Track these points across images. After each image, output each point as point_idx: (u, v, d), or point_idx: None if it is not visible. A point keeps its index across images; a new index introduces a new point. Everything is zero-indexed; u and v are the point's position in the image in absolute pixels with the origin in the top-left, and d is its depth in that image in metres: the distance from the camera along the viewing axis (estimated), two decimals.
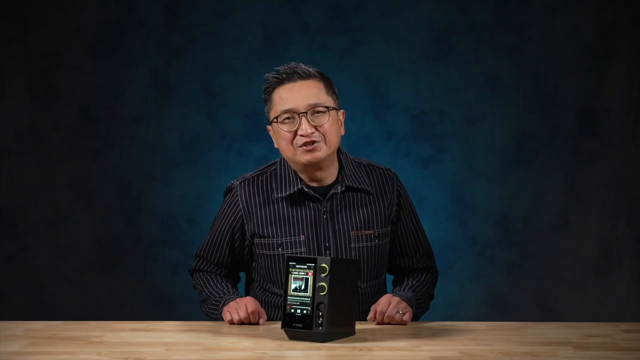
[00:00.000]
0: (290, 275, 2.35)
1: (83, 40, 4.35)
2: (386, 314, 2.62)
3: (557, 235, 4.36)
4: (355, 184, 2.78)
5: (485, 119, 4.38)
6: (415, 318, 2.78)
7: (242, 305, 2.63)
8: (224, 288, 2.79)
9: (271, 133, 2.78)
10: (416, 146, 4.38)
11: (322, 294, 2.31)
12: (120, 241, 4.39)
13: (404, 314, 2.64)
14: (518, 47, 4.35)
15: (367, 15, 4.36)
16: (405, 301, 2.68)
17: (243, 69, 4.37)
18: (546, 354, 2.23)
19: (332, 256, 2.71)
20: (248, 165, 2.93)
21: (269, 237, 2.77)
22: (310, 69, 2.73)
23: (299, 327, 2.33)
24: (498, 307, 4.37)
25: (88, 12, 4.35)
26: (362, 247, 2.77)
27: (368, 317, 2.64)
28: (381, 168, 2.86)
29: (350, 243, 2.76)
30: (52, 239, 4.37)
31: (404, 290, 2.80)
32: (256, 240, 2.79)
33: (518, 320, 2.77)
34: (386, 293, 2.89)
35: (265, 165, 2.85)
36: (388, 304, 2.63)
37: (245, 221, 2.79)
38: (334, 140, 2.72)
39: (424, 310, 2.86)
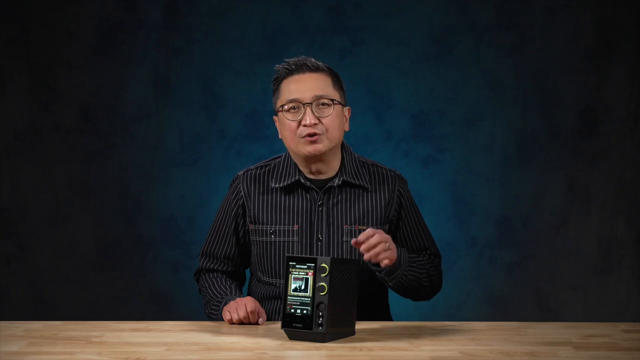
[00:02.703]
0: (290, 275, 2.35)
1: (83, 40, 4.35)
2: (374, 250, 2.55)
3: (557, 235, 4.36)
4: (354, 179, 2.79)
5: (485, 119, 4.38)
6: (402, 282, 2.70)
7: (241, 305, 2.63)
8: (227, 290, 2.80)
9: (277, 123, 2.80)
10: (416, 146, 4.38)
11: (322, 294, 2.31)
12: (120, 241, 4.39)
13: (389, 250, 2.57)
14: (518, 47, 4.35)
15: (367, 15, 4.36)
16: (397, 251, 2.63)
17: (243, 69, 4.38)
18: (546, 354, 2.23)
19: (324, 248, 2.74)
20: (248, 165, 2.92)
21: (263, 223, 2.79)
22: (320, 63, 2.77)
23: (299, 327, 2.33)
24: (498, 307, 4.37)
25: (88, 12, 4.35)
26: None
27: (352, 241, 2.55)
28: (385, 168, 2.86)
29: (342, 236, 2.77)
30: (52, 239, 4.37)
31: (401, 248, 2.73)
32: (251, 226, 2.81)
33: (518, 320, 2.76)
34: (384, 292, 2.88)
35: (270, 158, 2.88)
36: (378, 240, 2.56)
37: (246, 206, 2.81)
38: (336, 134, 2.74)
39: (412, 281, 2.75)
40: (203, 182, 4.38)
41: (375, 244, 2.56)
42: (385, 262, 2.59)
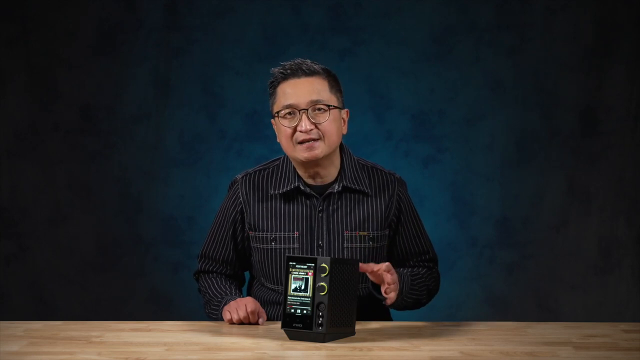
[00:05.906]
0: (290, 275, 2.35)
1: (83, 40, 4.36)
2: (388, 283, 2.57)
3: (557, 235, 4.36)
4: (354, 184, 2.78)
5: (485, 119, 4.38)
6: (400, 306, 2.72)
7: (242, 305, 2.63)
8: (227, 290, 2.80)
9: (275, 127, 2.78)
10: (416, 146, 4.38)
11: (322, 294, 2.31)
12: (120, 241, 4.39)
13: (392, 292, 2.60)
14: (518, 47, 4.35)
15: (367, 15, 4.36)
16: (400, 283, 2.65)
17: (243, 69, 4.38)
18: (546, 354, 2.23)
19: (325, 255, 2.73)
20: (248, 165, 2.93)
21: (263, 230, 2.78)
22: (316, 66, 2.73)
23: (299, 327, 2.33)
24: (498, 307, 4.37)
25: (88, 12, 4.35)
26: (356, 247, 2.77)
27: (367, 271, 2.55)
28: (384, 172, 2.85)
29: (343, 243, 2.77)
30: (52, 239, 4.37)
31: (404, 271, 2.75)
32: (251, 233, 2.80)
33: (518, 320, 2.76)
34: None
35: (269, 161, 2.87)
36: (393, 276, 2.59)
37: (244, 213, 2.80)
38: (333, 139, 2.73)
39: (412, 302, 2.78)
40: (203, 182, 4.38)
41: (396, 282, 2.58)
42: (388, 302, 2.60)
